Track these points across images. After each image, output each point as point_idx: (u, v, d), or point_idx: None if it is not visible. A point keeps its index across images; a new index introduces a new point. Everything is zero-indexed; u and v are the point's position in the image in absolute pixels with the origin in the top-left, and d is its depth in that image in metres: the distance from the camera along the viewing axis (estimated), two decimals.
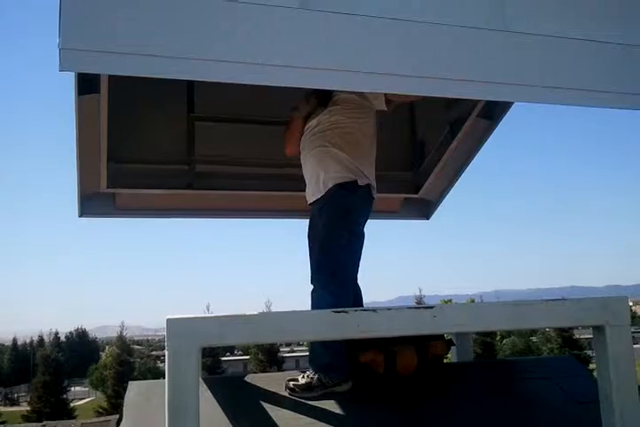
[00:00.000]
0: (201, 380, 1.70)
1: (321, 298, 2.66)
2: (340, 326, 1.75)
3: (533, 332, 40.60)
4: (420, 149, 3.89)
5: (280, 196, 3.63)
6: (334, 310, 1.78)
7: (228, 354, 48.82)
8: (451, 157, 3.64)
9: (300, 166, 3.00)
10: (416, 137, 3.90)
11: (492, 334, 30.31)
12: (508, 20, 2.05)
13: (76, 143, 2.55)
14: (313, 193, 2.87)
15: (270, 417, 2.37)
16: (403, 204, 4.06)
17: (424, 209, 4.05)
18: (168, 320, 1.61)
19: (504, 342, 37.88)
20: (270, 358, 29.62)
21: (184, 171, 3.48)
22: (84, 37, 1.62)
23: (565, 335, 30.69)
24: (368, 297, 3.07)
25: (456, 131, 3.51)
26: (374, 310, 1.79)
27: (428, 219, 4.08)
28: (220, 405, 2.39)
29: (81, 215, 3.34)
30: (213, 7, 1.77)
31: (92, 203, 3.37)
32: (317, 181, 2.81)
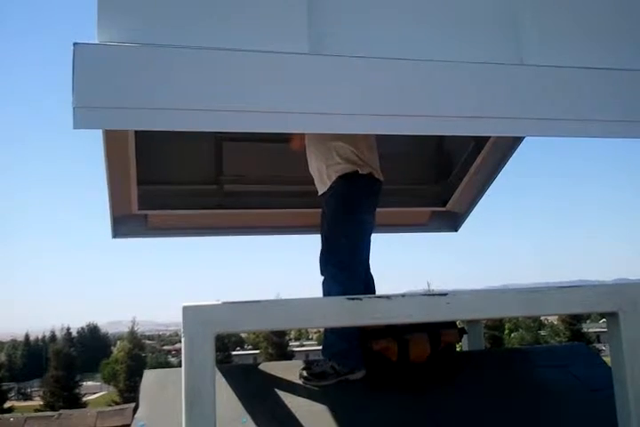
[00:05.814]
0: (216, 368, 1.72)
1: (331, 288, 2.67)
2: (354, 312, 1.76)
3: (541, 325, 40.54)
4: (447, 162, 3.85)
5: (309, 212, 3.55)
6: (348, 296, 1.78)
7: (238, 348, 49.08)
8: (477, 170, 3.60)
9: None
10: (442, 151, 3.86)
11: (500, 328, 30.24)
12: (523, 53, 2.00)
13: (105, 169, 2.55)
14: (320, 187, 2.90)
15: (284, 404, 2.39)
16: (431, 217, 4.03)
17: (452, 221, 4.01)
18: (184, 308, 1.62)
19: (512, 335, 37.88)
20: (280, 351, 29.72)
21: (213, 190, 3.48)
22: (97, 95, 1.62)
23: (574, 329, 30.57)
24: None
25: (481, 145, 3.48)
26: (388, 296, 1.80)
27: (456, 231, 4.03)
28: (235, 392, 2.41)
29: (114, 237, 3.34)
30: (221, 58, 1.74)
31: (125, 224, 3.37)
32: (321, 174, 2.85)
